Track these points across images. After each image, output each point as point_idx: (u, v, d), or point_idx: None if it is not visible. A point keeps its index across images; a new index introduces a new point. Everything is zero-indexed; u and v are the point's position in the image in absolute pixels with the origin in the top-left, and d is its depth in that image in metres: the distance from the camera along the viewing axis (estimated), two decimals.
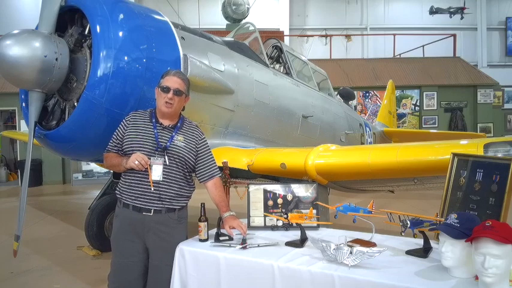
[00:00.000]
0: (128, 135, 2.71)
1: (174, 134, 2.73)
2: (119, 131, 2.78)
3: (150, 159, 2.63)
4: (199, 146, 2.82)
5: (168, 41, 3.61)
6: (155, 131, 2.70)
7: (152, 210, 2.66)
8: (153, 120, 2.74)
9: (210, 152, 2.90)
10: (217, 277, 2.49)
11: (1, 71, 3.02)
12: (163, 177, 2.64)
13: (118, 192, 2.77)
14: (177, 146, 2.71)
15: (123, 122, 2.79)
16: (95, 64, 3.12)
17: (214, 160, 2.92)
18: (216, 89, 4.05)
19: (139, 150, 2.64)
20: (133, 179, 2.68)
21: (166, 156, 2.66)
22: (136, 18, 3.41)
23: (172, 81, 2.72)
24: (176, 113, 2.79)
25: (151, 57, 3.35)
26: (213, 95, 4.06)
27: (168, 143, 2.68)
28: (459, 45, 17.23)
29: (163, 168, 2.65)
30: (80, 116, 3.16)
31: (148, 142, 2.67)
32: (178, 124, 2.78)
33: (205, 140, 2.88)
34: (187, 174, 2.79)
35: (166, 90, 2.69)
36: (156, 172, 2.63)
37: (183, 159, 2.72)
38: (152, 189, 2.62)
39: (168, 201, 2.69)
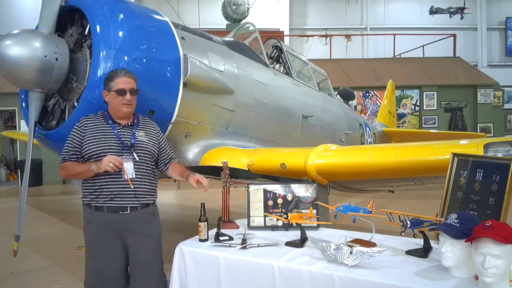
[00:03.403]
0: (87, 141, 2.70)
1: (134, 130, 2.78)
2: (73, 138, 2.73)
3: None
4: (160, 138, 2.95)
5: (168, 41, 3.61)
6: (115, 131, 2.73)
7: (128, 208, 2.70)
8: (110, 122, 2.76)
9: (167, 141, 3.06)
10: (217, 277, 2.49)
11: (1, 71, 3.01)
12: (135, 174, 2.69)
13: (86, 199, 2.75)
14: (141, 141, 2.78)
15: (77, 129, 2.75)
16: (95, 64, 3.12)
17: (171, 149, 3.08)
18: (216, 89, 4.05)
19: (106, 152, 2.65)
20: (102, 182, 2.68)
21: (134, 153, 2.70)
22: (136, 18, 3.41)
23: (125, 82, 2.76)
24: (134, 110, 2.86)
25: (151, 57, 3.35)
26: (213, 95, 4.06)
27: (133, 140, 2.73)
28: (459, 45, 17.22)
29: (134, 164, 2.69)
30: (79, 116, 3.14)
31: (112, 143, 2.69)
32: (135, 121, 2.84)
33: (161, 131, 3.05)
34: (153, 167, 2.89)
35: (122, 92, 2.73)
36: (129, 170, 2.66)
37: (150, 153, 2.81)
38: (132, 187, 2.66)
39: (142, 197, 2.74)
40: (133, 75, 2.86)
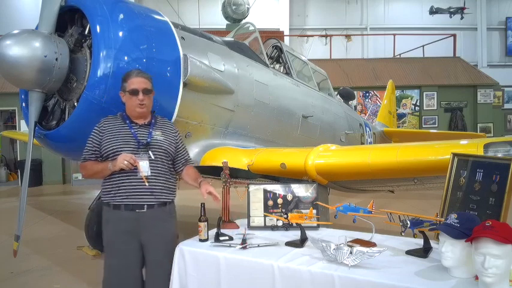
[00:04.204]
0: (105, 140, 2.74)
1: (151, 130, 2.81)
2: (93, 138, 2.78)
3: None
4: (177, 138, 2.95)
5: (168, 41, 3.61)
6: (132, 130, 2.76)
7: (145, 206, 2.71)
8: (127, 122, 2.79)
9: (184, 143, 3.06)
10: (217, 277, 2.49)
11: (1, 71, 3.02)
12: (151, 172, 2.70)
13: (106, 197, 2.78)
14: (157, 140, 2.80)
15: (97, 129, 2.79)
16: (95, 64, 3.12)
17: (187, 151, 3.09)
18: (216, 89, 4.05)
19: (122, 151, 2.68)
20: (119, 180, 2.71)
21: (150, 151, 2.73)
22: (136, 18, 3.41)
23: (138, 82, 2.78)
24: (149, 110, 2.87)
25: (151, 57, 3.35)
26: (213, 95, 4.06)
27: (149, 139, 2.76)
28: (459, 45, 17.22)
29: (150, 163, 2.70)
30: (79, 116, 3.16)
31: (129, 142, 2.72)
32: (153, 121, 2.86)
33: (179, 132, 3.03)
34: (170, 166, 2.90)
35: (135, 92, 2.75)
36: (144, 168, 2.67)
37: (165, 152, 2.82)
38: (147, 184, 2.67)
39: (159, 195, 2.75)
40: (147, 75, 2.86)
